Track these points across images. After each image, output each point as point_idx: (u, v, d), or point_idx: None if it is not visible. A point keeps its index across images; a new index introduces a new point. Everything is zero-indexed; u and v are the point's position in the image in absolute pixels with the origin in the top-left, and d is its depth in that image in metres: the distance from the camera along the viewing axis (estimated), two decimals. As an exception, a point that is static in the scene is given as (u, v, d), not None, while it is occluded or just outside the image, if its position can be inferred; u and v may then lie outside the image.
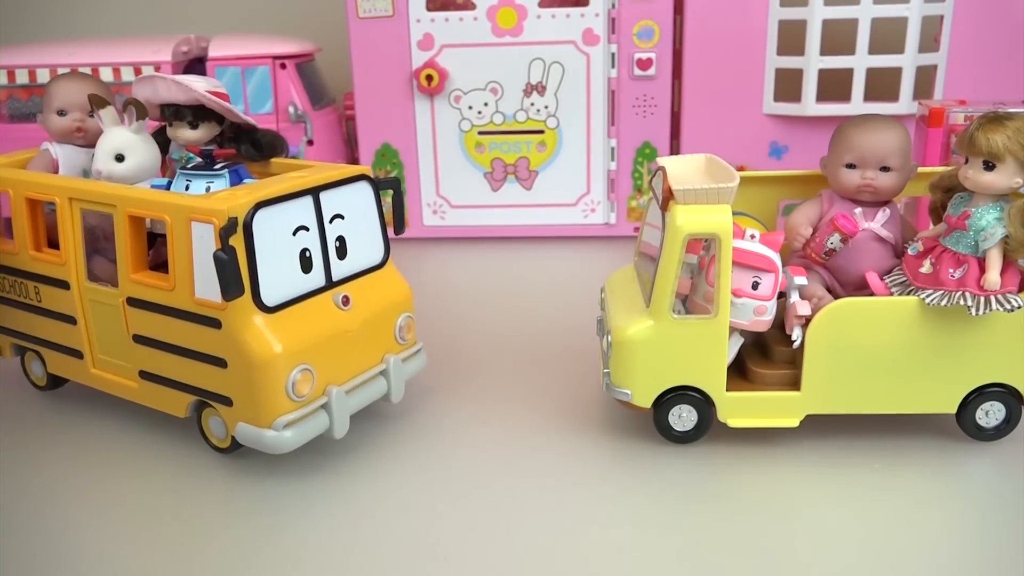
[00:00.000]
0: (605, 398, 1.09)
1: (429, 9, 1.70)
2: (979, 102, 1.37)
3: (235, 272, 0.81)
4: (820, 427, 0.99)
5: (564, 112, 1.73)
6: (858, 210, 0.99)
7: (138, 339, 0.95)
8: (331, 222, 0.92)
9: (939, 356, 0.92)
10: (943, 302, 0.88)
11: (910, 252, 0.95)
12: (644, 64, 1.69)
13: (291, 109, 1.73)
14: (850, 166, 0.97)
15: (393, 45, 1.73)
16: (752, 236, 0.92)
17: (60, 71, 1.74)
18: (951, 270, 0.90)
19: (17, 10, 2.25)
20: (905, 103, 1.59)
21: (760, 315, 0.91)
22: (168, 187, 0.97)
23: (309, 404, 0.89)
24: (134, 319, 0.95)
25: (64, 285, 0.99)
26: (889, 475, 0.92)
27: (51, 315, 1.03)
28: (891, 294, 0.94)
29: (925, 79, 1.62)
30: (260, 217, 0.84)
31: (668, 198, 0.91)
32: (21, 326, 1.08)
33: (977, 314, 0.87)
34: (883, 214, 0.99)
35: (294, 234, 0.89)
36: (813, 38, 1.59)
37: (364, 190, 0.97)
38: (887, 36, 1.59)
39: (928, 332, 0.91)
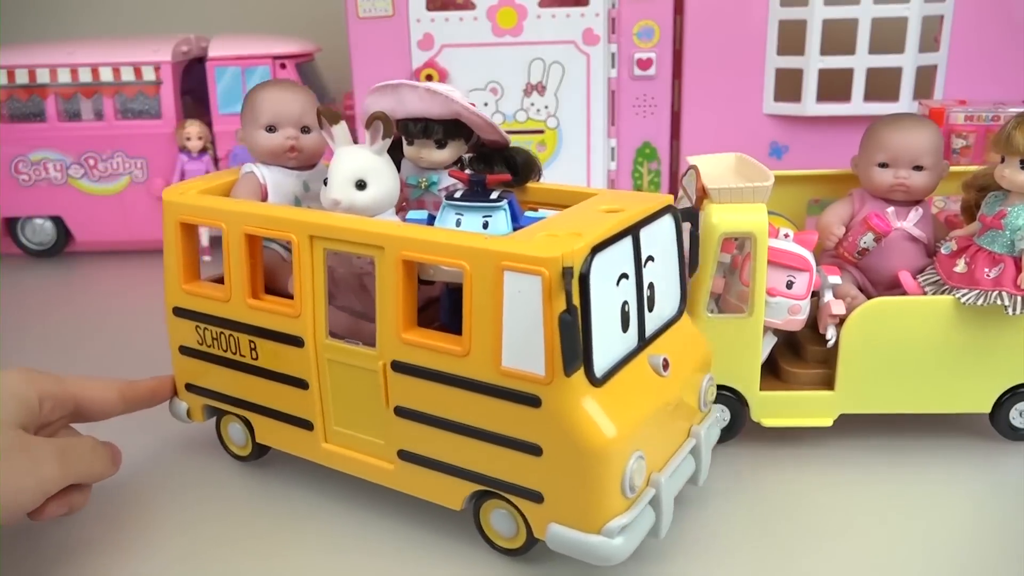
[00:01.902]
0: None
1: (429, 9, 1.70)
2: (979, 102, 1.37)
3: (579, 338, 0.65)
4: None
5: (564, 112, 1.73)
6: (890, 209, 0.99)
7: (402, 413, 0.77)
8: (644, 266, 0.75)
9: (973, 356, 0.92)
10: (979, 301, 0.88)
11: (943, 251, 0.95)
12: (644, 64, 1.69)
13: (291, 109, 1.73)
14: (883, 165, 0.97)
15: (393, 45, 1.73)
16: (786, 235, 0.92)
17: (59, 71, 1.74)
18: (986, 269, 0.89)
19: (17, 10, 2.25)
20: (905, 103, 1.59)
21: (794, 314, 0.91)
22: (429, 222, 0.80)
23: (640, 500, 0.72)
24: (399, 388, 0.76)
25: (296, 342, 0.81)
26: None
27: (272, 376, 0.85)
28: (924, 293, 0.94)
29: (925, 79, 1.62)
30: (595, 266, 0.67)
31: (702, 197, 0.91)
32: (224, 387, 0.90)
33: (1014, 313, 0.87)
34: (915, 213, 0.99)
35: (617, 284, 0.72)
36: (813, 38, 1.59)
37: (668, 225, 0.79)
38: (887, 36, 1.59)
39: (962, 331, 0.91)
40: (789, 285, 0.90)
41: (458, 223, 0.79)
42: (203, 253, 1.79)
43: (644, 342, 0.75)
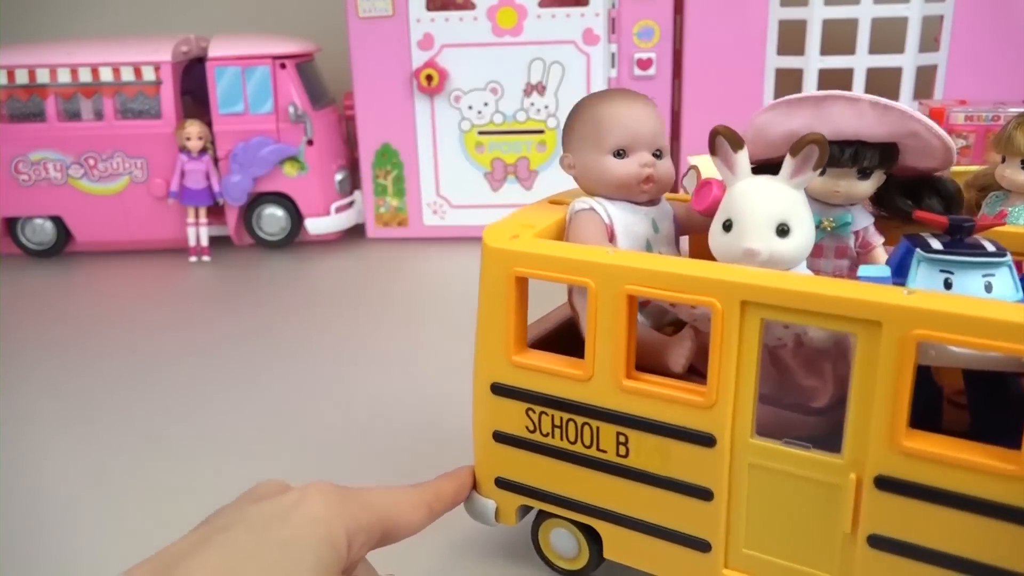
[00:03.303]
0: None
1: (429, 9, 1.70)
2: (979, 102, 1.37)
3: None
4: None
5: (564, 112, 1.73)
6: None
7: (884, 545, 0.58)
8: None
9: None
10: None
11: None
12: (644, 64, 1.69)
13: (291, 109, 1.73)
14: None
15: (393, 45, 1.73)
16: None
17: (59, 71, 1.74)
18: None
19: (17, 10, 2.25)
20: (905, 103, 1.59)
21: None
22: (894, 281, 0.61)
23: None
24: (883, 512, 0.58)
25: (703, 439, 0.62)
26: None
27: (649, 480, 0.66)
28: None
29: (925, 79, 1.62)
30: None
31: None
32: (562, 486, 0.70)
33: None
34: None
35: None
36: (813, 38, 1.60)
37: None
38: (887, 36, 1.60)
39: None
40: None
41: (947, 284, 0.60)
42: (202, 253, 1.79)
43: None
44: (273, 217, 1.81)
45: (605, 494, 0.68)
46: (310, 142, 1.76)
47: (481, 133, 1.77)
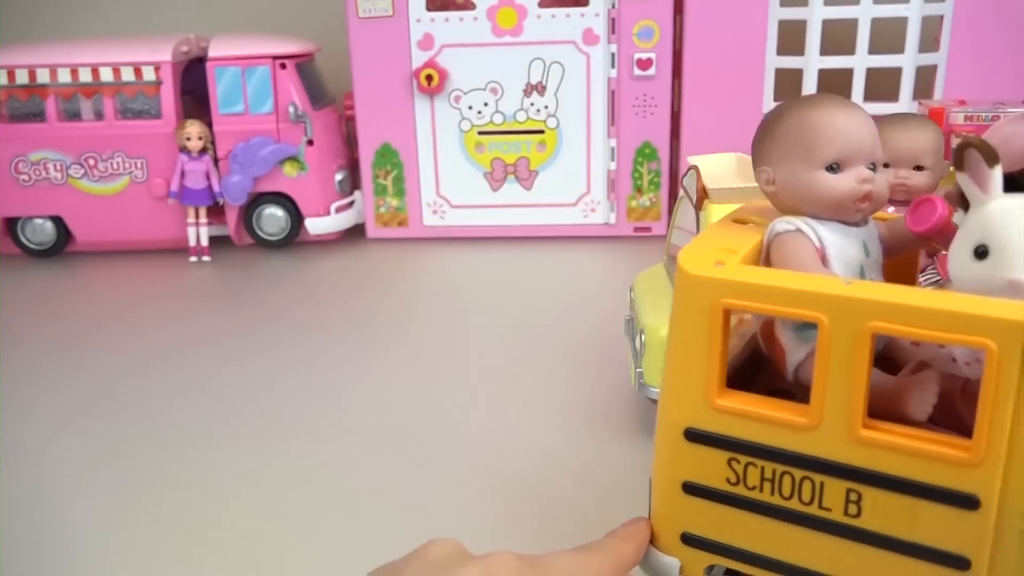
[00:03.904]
0: (610, 394, 1.09)
1: (429, 9, 1.70)
2: (979, 102, 1.37)
3: None
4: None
5: (564, 112, 1.74)
6: (891, 209, 0.99)
7: None
8: None
9: None
10: None
11: (944, 251, 0.95)
12: (644, 64, 1.69)
13: (291, 109, 1.73)
14: (883, 165, 0.98)
15: (393, 45, 1.73)
16: None
17: (59, 71, 1.74)
18: None
19: (17, 10, 2.25)
20: (905, 103, 1.59)
21: None
22: None
23: None
24: None
25: (963, 501, 0.54)
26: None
27: (884, 544, 0.58)
28: None
29: (925, 79, 1.62)
30: None
31: (703, 197, 0.91)
32: (768, 546, 0.62)
33: None
34: None
35: None
36: (813, 38, 1.60)
37: None
38: (887, 36, 1.60)
39: None
40: None
41: None
42: (202, 252, 1.79)
43: None
44: (273, 217, 1.81)
45: (825, 557, 0.60)
46: (310, 142, 1.76)
47: (481, 133, 1.77)
